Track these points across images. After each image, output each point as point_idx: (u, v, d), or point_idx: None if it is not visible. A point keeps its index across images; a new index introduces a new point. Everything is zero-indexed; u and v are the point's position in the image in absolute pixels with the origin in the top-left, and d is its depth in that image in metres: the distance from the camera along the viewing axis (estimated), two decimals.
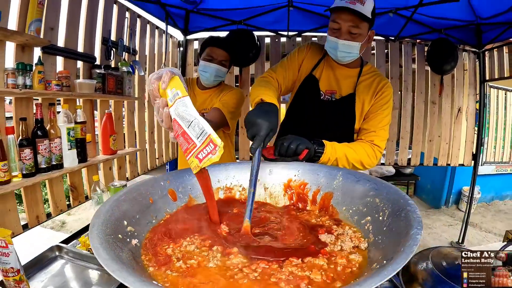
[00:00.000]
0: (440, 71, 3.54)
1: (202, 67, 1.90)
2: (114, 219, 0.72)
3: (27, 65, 1.63)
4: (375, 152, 1.46)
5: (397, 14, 2.92)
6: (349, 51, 1.46)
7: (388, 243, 0.68)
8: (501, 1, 2.35)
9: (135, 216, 0.81)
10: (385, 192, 0.83)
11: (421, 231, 0.60)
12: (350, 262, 0.68)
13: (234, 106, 1.86)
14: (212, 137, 0.80)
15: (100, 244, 0.58)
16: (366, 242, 0.76)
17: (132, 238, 0.74)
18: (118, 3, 2.51)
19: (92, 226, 0.64)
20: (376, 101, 1.52)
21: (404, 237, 0.60)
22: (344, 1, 1.37)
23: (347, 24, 1.40)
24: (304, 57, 1.64)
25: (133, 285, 0.47)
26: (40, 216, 1.82)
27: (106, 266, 0.52)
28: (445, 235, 4.41)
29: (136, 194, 0.88)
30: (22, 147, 1.60)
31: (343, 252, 0.73)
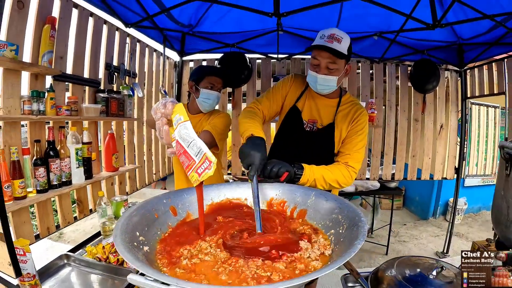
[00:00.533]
0: (423, 90, 3.75)
1: (205, 95, 2.08)
2: (129, 230, 0.91)
3: (40, 92, 1.82)
4: (350, 173, 1.63)
5: (382, 37, 3.11)
6: (327, 84, 1.66)
7: (341, 250, 0.87)
8: (481, 24, 2.52)
9: (144, 228, 1.00)
10: (346, 211, 1.02)
11: (362, 241, 0.78)
12: (307, 267, 0.87)
13: (223, 128, 2.05)
14: (207, 155, 0.99)
15: (124, 249, 0.77)
16: (330, 249, 0.95)
17: (143, 245, 0.93)
18: (120, 30, 2.71)
19: (114, 236, 0.83)
20: (352, 128, 1.71)
21: (351, 246, 0.79)
22: (323, 40, 1.57)
23: (325, 61, 1.60)
24: (288, 89, 1.84)
25: (153, 275, 0.67)
26: (51, 228, 2.00)
27: (132, 264, 0.72)
28: (431, 245, 4.58)
29: (144, 210, 1.07)
30: (36, 166, 1.79)
31: (308, 259, 0.91)
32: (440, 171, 4.07)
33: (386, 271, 1.23)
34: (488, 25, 2.67)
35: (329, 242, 1.00)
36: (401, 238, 4.88)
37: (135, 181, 3.10)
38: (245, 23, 3.01)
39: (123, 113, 2.56)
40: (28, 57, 1.83)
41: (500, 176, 1.39)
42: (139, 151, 3.19)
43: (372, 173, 3.97)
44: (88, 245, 2.02)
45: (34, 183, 1.79)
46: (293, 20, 2.22)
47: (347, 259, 0.70)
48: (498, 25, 2.41)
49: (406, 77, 3.86)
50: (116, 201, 2.22)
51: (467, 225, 5.48)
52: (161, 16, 2.61)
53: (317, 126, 1.77)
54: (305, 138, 1.77)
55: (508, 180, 1.30)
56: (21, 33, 1.73)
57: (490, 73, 3.58)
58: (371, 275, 1.26)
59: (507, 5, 2.22)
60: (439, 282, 1.05)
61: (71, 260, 1.78)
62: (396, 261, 1.26)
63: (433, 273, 1.08)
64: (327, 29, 1.61)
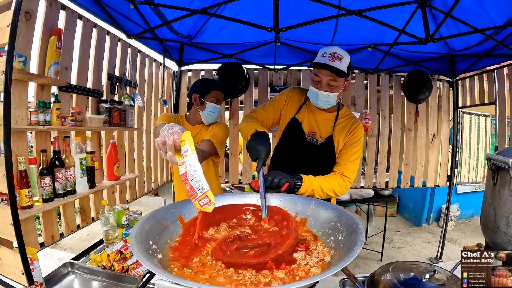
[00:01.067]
0: (415, 100, 3.87)
1: (211, 109, 2.14)
2: (143, 239, 0.97)
3: (46, 103, 1.87)
4: (345, 182, 1.73)
5: (376, 49, 3.21)
6: (327, 100, 1.76)
7: (341, 256, 0.94)
8: (472, 36, 2.61)
9: (156, 237, 1.06)
10: (344, 218, 1.10)
11: (361, 247, 0.85)
12: (308, 274, 0.93)
13: (222, 138, 2.12)
14: (208, 194, 1.06)
15: (143, 257, 0.83)
16: (329, 256, 1.02)
17: (157, 253, 0.99)
18: (121, 41, 2.78)
19: (131, 245, 0.89)
20: (348, 140, 1.81)
21: (350, 251, 0.86)
22: (325, 58, 1.65)
23: (327, 78, 1.69)
24: (285, 102, 1.95)
25: (172, 279, 0.74)
26: (55, 236, 2.04)
27: (152, 270, 0.78)
28: (425, 251, 4.66)
29: (155, 220, 1.13)
30: (43, 176, 1.83)
31: (307, 266, 0.98)
32: (433, 179, 4.17)
33: (382, 275, 1.28)
34: (479, 37, 2.78)
35: (328, 250, 1.06)
36: (395, 245, 4.96)
37: (135, 190, 3.15)
38: (243, 35, 3.08)
39: (125, 123, 2.62)
40: (34, 68, 1.88)
41: (488, 185, 1.46)
42: (139, 160, 3.24)
43: (367, 181, 4.06)
44: (91, 253, 2.06)
45: (40, 192, 1.84)
46: (290, 32, 2.30)
47: (347, 263, 0.77)
48: (489, 38, 2.52)
49: (399, 87, 3.98)
50: (118, 209, 2.26)
51: (460, 231, 5.59)
52: (161, 27, 2.68)
53: (316, 138, 1.86)
54: (307, 150, 1.86)
55: (495, 189, 1.37)
56: (28, 44, 1.78)
57: (481, 83, 3.71)
58: (367, 279, 1.32)
59: (497, 19, 2.34)
60: (432, 285, 1.11)
61: (75, 268, 1.80)
62: (391, 266, 1.31)
63: (426, 277, 1.15)
64: (329, 48, 1.70)
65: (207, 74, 3.95)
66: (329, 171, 1.82)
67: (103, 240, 2.10)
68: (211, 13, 2.34)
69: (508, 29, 2.43)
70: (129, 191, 3.00)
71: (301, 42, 3.27)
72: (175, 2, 2.28)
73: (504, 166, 1.28)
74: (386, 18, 2.24)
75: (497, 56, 3.05)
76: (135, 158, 3.14)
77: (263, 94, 3.90)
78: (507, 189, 1.30)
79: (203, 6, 2.34)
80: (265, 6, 2.38)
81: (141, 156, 3.30)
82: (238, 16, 2.40)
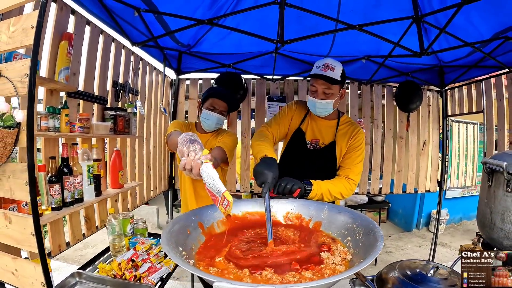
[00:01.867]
0: (407, 110, 4.00)
1: (205, 115, 2.20)
2: (174, 246, 1.02)
3: (56, 108, 1.85)
4: (351, 185, 1.84)
5: (370, 60, 3.34)
6: (324, 107, 1.89)
7: (363, 252, 1.00)
8: (461, 49, 2.71)
9: (183, 244, 1.11)
10: (359, 220, 1.17)
11: (382, 243, 0.93)
12: (334, 271, 1.00)
13: (232, 146, 2.16)
14: (225, 194, 1.13)
15: (182, 262, 0.88)
16: (350, 255, 1.09)
17: (188, 259, 1.03)
18: (125, 48, 2.81)
19: (168, 251, 0.94)
20: (351, 144, 1.92)
21: (373, 248, 0.93)
22: (319, 69, 1.81)
23: (321, 87, 1.85)
24: (293, 114, 2.07)
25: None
26: (61, 245, 2.02)
27: (194, 272, 0.85)
28: (417, 255, 4.79)
29: (179, 226, 1.18)
30: (51, 183, 1.82)
31: (333, 265, 1.04)
32: (424, 185, 4.31)
33: (389, 273, 1.37)
34: (468, 50, 2.92)
35: (347, 249, 1.13)
36: (388, 249, 5.07)
37: (136, 198, 3.16)
38: (244, 46, 3.15)
39: (129, 130, 2.64)
40: (44, 73, 1.86)
41: (483, 187, 1.60)
42: (140, 167, 3.26)
43: (361, 188, 4.17)
44: (97, 262, 2.07)
45: (49, 200, 1.82)
46: (290, 44, 2.40)
47: (375, 257, 0.84)
48: (477, 50, 2.66)
49: (391, 97, 4.12)
50: (122, 217, 2.28)
51: (450, 235, 5.75)
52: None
53: (320, 144, 1.98)
54: (309, 156, 1.97)
55: (491, 190, 1.51)
56: (40, 48, 1.79)
57: (469, 93, 3.88)
58: (375, 277, 1.40)
59: (485, 32, 2.48)
60: (437, 278, 1.21)
61: (83, 277, 1.81)
62: (397, 264, 1.40)
63: (431, 272, 1.24)
64: (322, 60, 1.86)
65: (205, 83, 4.01)
66: (332, 175, 1.92)
67: (110, 249, 2.11)
68: (217, 24, 2.41)
69: (495, 42, 2.57)
70: (131, 199, 3.01)
71: (299, 53, 3.35)
72: (179, 10, 2.33)
73: (499, 169, 1.41)
74: (381, 31, 2.35)
75: (484, 67, 3.21)
76: (136, 166, 3.15)
77: (261, 103, 3.97)
78: (501, 189, 1.43)
79: (206, 15, 2.41)
80: (267, 18, 2.46)
81: (142, 164, 3.32)
82: (239, 28, 2.48)
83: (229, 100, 2.26)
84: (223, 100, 2.23)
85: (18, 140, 1.28)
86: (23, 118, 1.25)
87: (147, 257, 1.94)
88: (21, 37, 1.28)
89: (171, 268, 1.91)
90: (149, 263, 1.88)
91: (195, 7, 2.41)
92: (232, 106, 2.31)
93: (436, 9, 2.10)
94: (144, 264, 1.86)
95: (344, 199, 1.95)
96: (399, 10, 2.26)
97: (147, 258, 1.93)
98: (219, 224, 1.36)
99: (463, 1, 1.87)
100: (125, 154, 2.87)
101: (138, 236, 2.27)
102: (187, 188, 2.32)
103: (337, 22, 2.28)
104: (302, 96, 3.96)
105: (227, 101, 2.24)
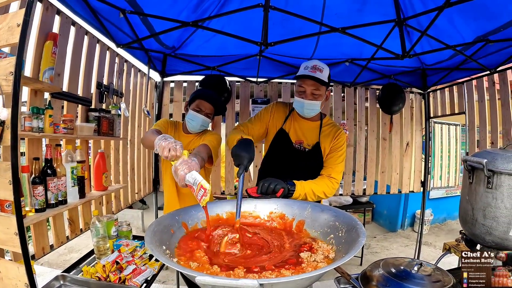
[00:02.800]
0: (390, 112, 4.06)
1: (190, 116, 2.20)
2: (158, 245, 1.02)
3: (40, 109, 1.83)
4: (333, 184, 1.89)
5: (353, 63, 3.39)
6: (312, 108, 1.92)
7: (346, 249, 1.03)
8: (443, 51, 2.79)
9: (166, 243, 1.11)
10: (342, 217, 1.19)
11: (364, 239, 0.95)
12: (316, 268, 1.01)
13: (216, 144, 2.18)
14: (202, 183, 1.15)
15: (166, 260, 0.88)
16: (333, 252, 1.11)
17: (172, 258, 1.03)
18: (110, 50, 2.79)
19: (152, 250, 0.94)
20: (333, 145, 1.98)
21: (355, 243, 0.95)
22: (307, 70, 1.85)
23: (310, 88, 1.88)
24: (270, 116, 2.10)
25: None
26: (45, 248, 1.99)
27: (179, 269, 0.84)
28: (402, 255, 4.84)
29: (162, 226, 1.19)
30: (35, 185, 1.79)
31: (314, 263, 1.06)
32: (408, 185, 4.40)
33: (374, 270, 1.39)
34: (449, 53, 3.00)
35: (330, 247, 1.15)
36: (373, 250, 5.13)
37: (120, 201, 3.12)
38: (228, 48, 3.16)
39: (113, 132, 2.62)
40: (28, 72, 1.83)
41: (464, 185, 1.65)
42: (124, 170, 3.22)
43: (345, 189, 4.23)
44: (82, 265, 2.03)
45: (33, 202, 1.80)
46: (274, 47, 2.43)
47: (355, 253, 0.86)
48: (459, 53, 2.74)
49: (374, 99, 4.20)
50: (107, 220, 2.25)
51: (434, 235, 5.86)
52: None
53: (304, 146, 2.01)
54: (295, 157, 1.99)
55: (472, 187, 1.56)
56: (25, 47, 1.77)
57: (451, 95, 3.98)
58: (360, 275, 1.42)
59: (466, 36, 2.56)
60: (421, 275, 1.23)
61: (67, 280, 1.78)
62: (381, 262, 1.43)
63: (415, 269, 1.26)
64: (310, 61, 1.90)
65: (190, 86, 4.00)
66: (317, 175, 1.95)
67: (94, 251, 2.08)
68: (201, 26, 2.42)
69: (476, 45, 2.65)
70: (115, 201, 2.97)
71: (283, 56, 3.39)
72: (164, 13, 2.33)
73: (479, 166, 1.46)
74: (364, 34, 2.39)
75: (466, 69, 3.29)
76: (120, 169, 3.12)
77: (245, 106, 3.99)
78: (482, 186, 1.48)
79: (191, 18, 2.42)
80: (251, 21, 2.49)
81: (126, 167, 3.29)
82: (224, 30, 2.49)
83: (216, 103, 2.26)
84: (210, 103, 2.23)
85: (2, 138, 1.27)
86: (7, 116, 1.24)
87: (132, 259, 1.93)
88: (6, 35, 1.28)
89: (156, 270, 1.90)
90: (133, 265, 1.87)
91: (180, 10, 2.41)
92: (218, 109, 2.31)
93: (418, 12, 2.15)
94: (129, 266, 1.85)
95: (327, 198, 1.98)
96: (383, 14, 2.31)
97: (132, 260, 1.91)
98: (202, 223, 1.36)
99: (444, 4, 1.92)
100: (109, 156, 2.84)
101: (122, 239, 2.24)
102: (170, 187, 2.31)
103: (321, 25, 2.31)
104: (286, 99, 4.00)
105: (213, 103, 2.25)
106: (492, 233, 1.43)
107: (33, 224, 1.89)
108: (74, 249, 5.06)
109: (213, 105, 2.25)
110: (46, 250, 2.00)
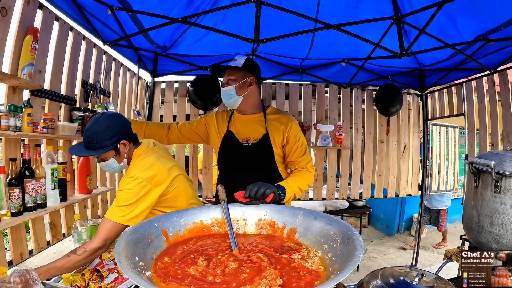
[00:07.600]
0: (387, 113, 4.00)
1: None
2: (130, 256, 0.91)
3: (18, 107, 1.73)
4: (311, 172, 1.95)
5: (349, 63, 3.29)
6: (229, 94, 1.92)
7: (341, 261, 0.92)
8: (441, 51, 2.75)
9: (141, 253, 1.00)
10: (337, 226, 1.09)
11: (362, 252, 0.85)
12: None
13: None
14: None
15: (133, 274, 0.78)
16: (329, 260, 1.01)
17: (145, 271, 0.93)
18: (97, 47, 2.68)
19: (119, 262, 0.83)
20: (289, 136, 1.96)
21: (351, 257, 0.85)
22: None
23: (226, 78, 1.96)
24: (207, 121, 2.19)
25: None
26: (24, 253, 1.88)
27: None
28: (399, 259, 4.77)
29: (138, 235, 1.07)
30: (11, 187, 1.68)
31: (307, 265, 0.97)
32: (405, 189, 4.31)
33: (371, 282, 1.28)
34: (448, 52, 2.92)
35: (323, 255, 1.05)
36: (370, 255, 5.03)
37: (107, 204, 3.00)
38: (220, 47, 3.07)
39: None
40: (6, 68, 1.75)
41: (469, 189, 1.54)
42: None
43: (341, 193, 4.12)
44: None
45: (8, 205, 1.69)
46: (267, 46, 2.33)
47: (353, 269, 0.76)
48: (458, 52, 2.66)
49: (371, 101, 4.11)
50: (90, 225, 2.14)
51: (432, 238, 5.78)
52: (137, 35, 2.62)
53: (251, 141, 1.98)
54: (245, 152, 1.98)
55: (477, 191, 1.44)
56: (2, 41, 1.67)
57: (450, 96, 3.91)
58: (356, 287, 1.32)
59: (466, 35, 2.47)
60: (422, 287, 1.13)
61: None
62: (379, 272, 1.32)
63: (416, 280, 1.16)
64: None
65: (181, 86, 3.89)
66: (272, 171, 1.96)
67: None
68: (192, 22, 2.31)
69: (476, 45, 2.57)
70: (101, 205, 2.85)
71: (277, 56, 3.29)
72: (154, 9, 2.23)
73: (486, 169, 1.35)
74: (361, 33, 2.30)
75: (465, 70, 3.21)
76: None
77: None
78: (489, 190, 1.37)
79: (182, 15, 2.32)
80: (244, 19, 2.40)
81: None
82: (218, 27, 2.39)
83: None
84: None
85: None
86: None
87: (114, 267, 1.81)
88: None
89: None
90: (115, 273, 1.75)
91: (171, 7, 2.32)
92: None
93: (416, 9, 2.07)
94: (111, 274, 1.73)
95: (308, 188, 1.99)
96: (379, 11, 2.22)
97: (114, 268, 1.79)
98: (185, 231, 1.25)
99: (444, 0, 1.83)
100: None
101: None
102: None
103: (316, 22, 2.21)
104: (280, 100, 3.91)
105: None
106: (500, 241, 1.32)
107: (10, 229, 1.78)
108: (65, 253, 4.91)
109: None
110: (24, 255, 1.89)
